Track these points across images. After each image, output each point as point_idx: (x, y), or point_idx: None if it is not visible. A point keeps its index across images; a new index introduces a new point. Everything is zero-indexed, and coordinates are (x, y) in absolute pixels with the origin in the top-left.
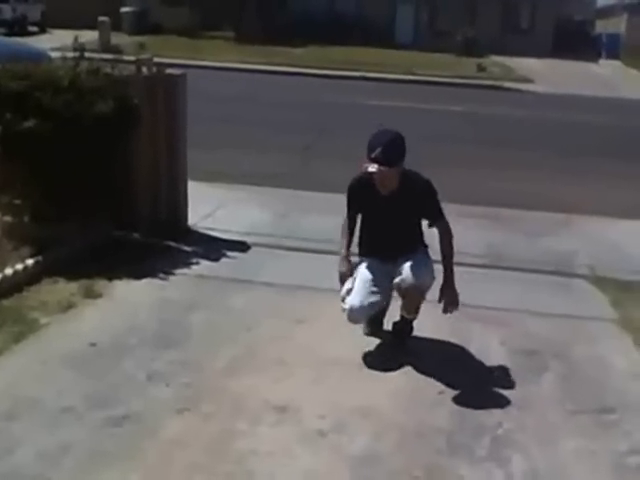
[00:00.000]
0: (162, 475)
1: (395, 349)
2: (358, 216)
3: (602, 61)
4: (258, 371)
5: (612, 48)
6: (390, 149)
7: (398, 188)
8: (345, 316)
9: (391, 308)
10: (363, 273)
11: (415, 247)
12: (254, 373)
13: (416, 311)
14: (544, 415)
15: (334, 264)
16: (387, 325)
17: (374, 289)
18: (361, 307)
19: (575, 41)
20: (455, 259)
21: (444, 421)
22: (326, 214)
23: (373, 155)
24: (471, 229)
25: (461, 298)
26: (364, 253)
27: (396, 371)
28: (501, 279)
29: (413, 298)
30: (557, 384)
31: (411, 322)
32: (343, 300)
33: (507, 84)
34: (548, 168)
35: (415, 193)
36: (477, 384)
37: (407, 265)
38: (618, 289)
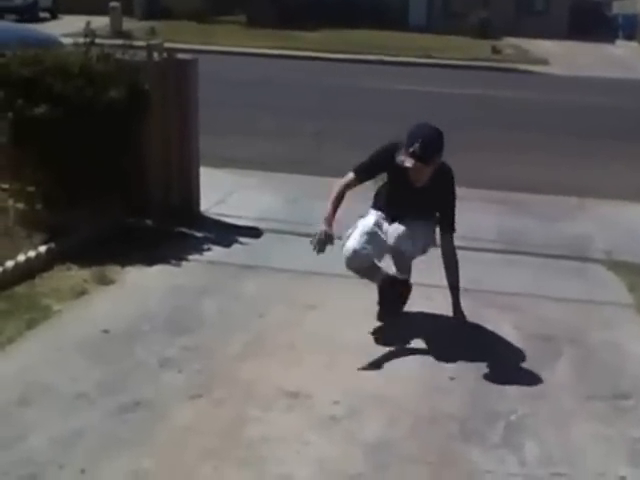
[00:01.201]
0: (174, 461)
1: (391, 312)
2: (366, 180)
3: (619, 42)
4: (270, 357)
5: (629, 29)
6: (429, 146)
7: (430, 180)
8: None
9: None
10: (366, 223)
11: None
12: (266, 359)
13: (404, 271)
14: (558, 401)
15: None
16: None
17: (371, 241)
18: (354, 253)
19: (591, 22)
20: (468, 244)
21: (457, 407)
22: None
23: (411, 150)
24: (486, 213)
25: (476, 284)
26: (376, 207)
27: (408, 356)
28: (516, 264)
29: (397, 259)
30: (572, 369)
31: (406, 282)
32: (344, 244)
33: (522, 66)
34: (563, 151)
35: (443, 188)
36: (490, 369)
37: (401, 228)
38: (635, 274)
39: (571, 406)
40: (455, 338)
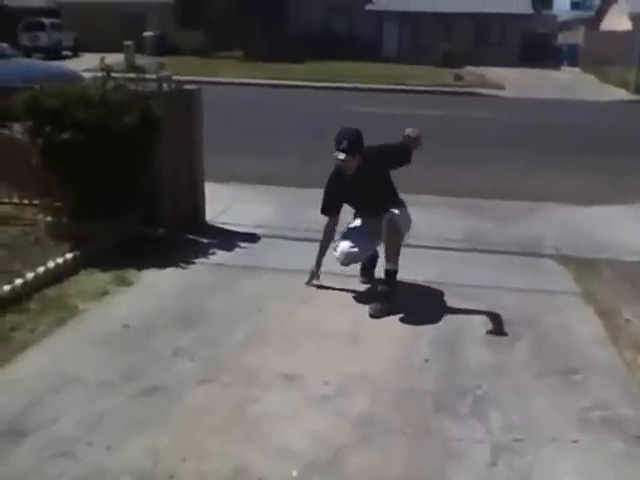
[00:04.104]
0: (188, 437)
1: (382, 295)
2: (338, 208)
3: (563, 68)
4: (269, 345)
5: (572, 57)
6: (352, 142)
7: (358, 167)
8: (337, 262)
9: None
10: (353, 226)
11: (394, 204)
12: (265, 347)
13: (395, 256)
14: (518, 377)
15: (330, 251)
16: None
17: (360, 239)
18: (348, 253)
19: (539, 51)
20: (437, 244)
21: (431, 384)
22: None
23: (341, 147)
24: (451, 217)
25: (444, 278)
26: (356, 216)
27: (388, 341)
28: (478, 260)
29: (392, 237)
30: (529, 350)
31: (394, 274)
32: (334, 249)
33: (481, 90)
34: (519, 163)
35: (374, 162)
36: (459, 351)
37: (390, 211)
38: (581, 266)
39: (529, 381)
40: (427, 325)
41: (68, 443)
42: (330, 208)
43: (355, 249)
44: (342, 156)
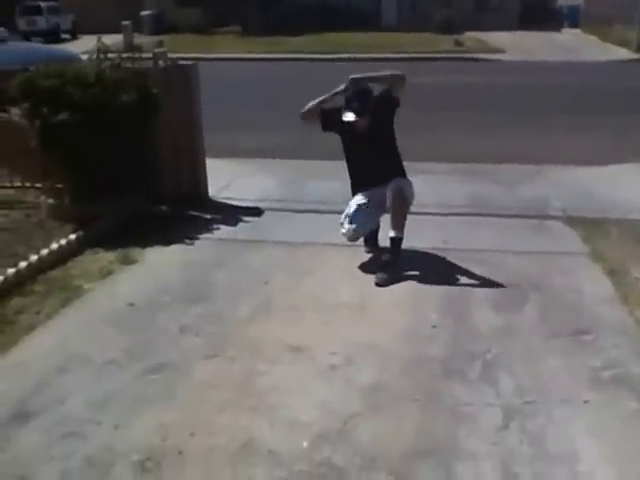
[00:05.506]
0: (196, 412)
1: (389, 263)
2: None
3: (564, 30)
4: (274, 318)
5: (572, 18)
6: (363, 101)
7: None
8: (344, 237)
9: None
10: (357, 200)
11: (398, 172)
12: (271, 320)
13: (402, 224)
14: (527, 340)
15: (334, 222)
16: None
17: (364, 215)
18: (356, 228)
19: (539, 14)
20: (442, 210)
21: (439, 351)
22: (326, 179)
23: (351, 108)
24: (455, 183)
25: (449, 243)
26: (356, 189)
27: (395, 309)
28: (483, 225)
29: (398, 206)
30: (538, 312)
31: (400, 242)
32: (342, 224)
33: (482, 55)
34: (522, 126)
35: (378, 103)
36: (466, 316)
37: (394, 180)
38: (588, 227)
39: (538, 343)
40: (434, 292)
41: (76, 423)
42: (317, 116)
43: (361, 223)
44: (352, 117)
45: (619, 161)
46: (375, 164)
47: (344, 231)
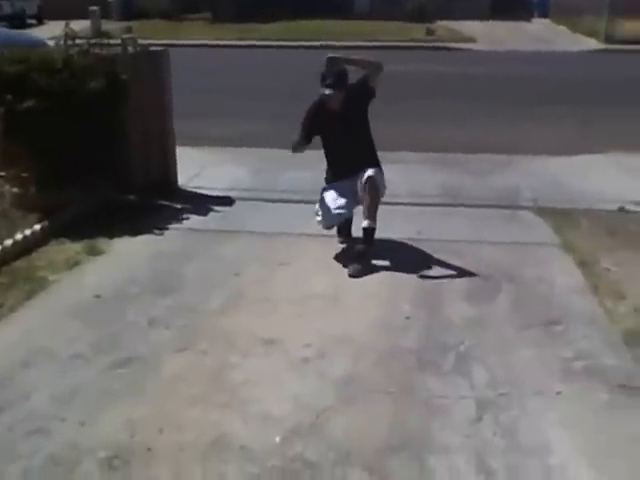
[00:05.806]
0: (165, 407)
1: (362, 254)
2: (312, 137)
3: (534, 20)
4: (247, 310)
5: (542, 8)
6: (339, 77)
7: (343, 99)
8: (319, 225)
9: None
10: (330, 191)
11: (372, 162)
12: (243, 312)
13: (373, 214)
14: (500, 331)
15: (308, 212)
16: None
17: (340, 202)
18: (330, 216)
19: (510, 3)
20: (414, 200)
21: (413, 342)
22: (298, 168)
23: (327, 82)
24: (427, 173)
25: (422, 234)
26: (329, 179)
27: (368, 300)
28: (456, 215)
29: (371, 196)
30: (510, 303)
31: (373, 232)
32: (317, 214)
33: (453, 45)
34: (493, 115)
35: (355, 89)
36: (440, 308)
37: (367, 170)
38: (559, 217)
39: (511, 334)
40: (409, 282)
41: (41, 419)
42: (305, 140)
43: (336, 211)
44: (329, 91)
45: (586, 151)
46: (352, 149)
47: (319, 219)
